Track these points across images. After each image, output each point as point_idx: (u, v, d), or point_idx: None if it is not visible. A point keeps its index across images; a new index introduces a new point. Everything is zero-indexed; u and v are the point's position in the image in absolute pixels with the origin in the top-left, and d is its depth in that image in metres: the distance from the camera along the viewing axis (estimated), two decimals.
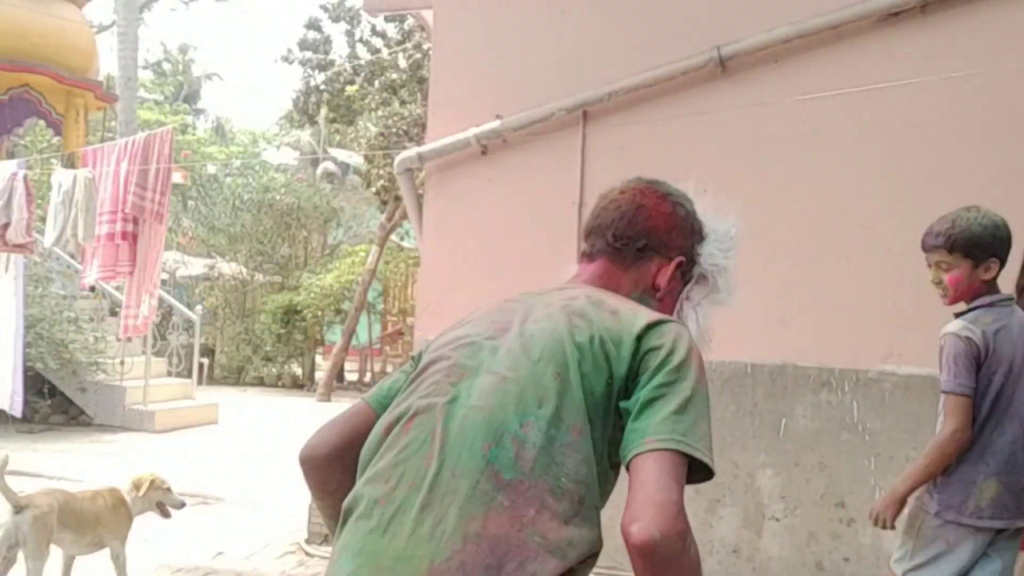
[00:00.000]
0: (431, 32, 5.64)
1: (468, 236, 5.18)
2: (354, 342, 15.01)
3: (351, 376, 16.61)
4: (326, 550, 5.11)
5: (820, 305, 4.38)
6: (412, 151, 5.43)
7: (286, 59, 14.64)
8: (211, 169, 20.39)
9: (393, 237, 14.97)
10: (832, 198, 4.41)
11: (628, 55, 4.80)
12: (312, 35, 14.79)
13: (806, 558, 4.41)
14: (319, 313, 15.01)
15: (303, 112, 14.97)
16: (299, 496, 6.42)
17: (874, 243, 4.33)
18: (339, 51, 15.15)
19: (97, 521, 4.00)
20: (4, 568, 3.67)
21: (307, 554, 5.12)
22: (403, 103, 13.17)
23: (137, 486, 4.15)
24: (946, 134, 4.27)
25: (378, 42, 14.23)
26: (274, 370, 15.61)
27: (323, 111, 15.22)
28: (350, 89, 13.84)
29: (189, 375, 11.21)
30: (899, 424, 4.24)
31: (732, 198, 4.77)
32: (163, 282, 10.10)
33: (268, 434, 9.74)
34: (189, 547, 5.10)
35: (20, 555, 3.72)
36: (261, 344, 15.37)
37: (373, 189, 13.27)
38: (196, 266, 16.87)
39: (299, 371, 15.89)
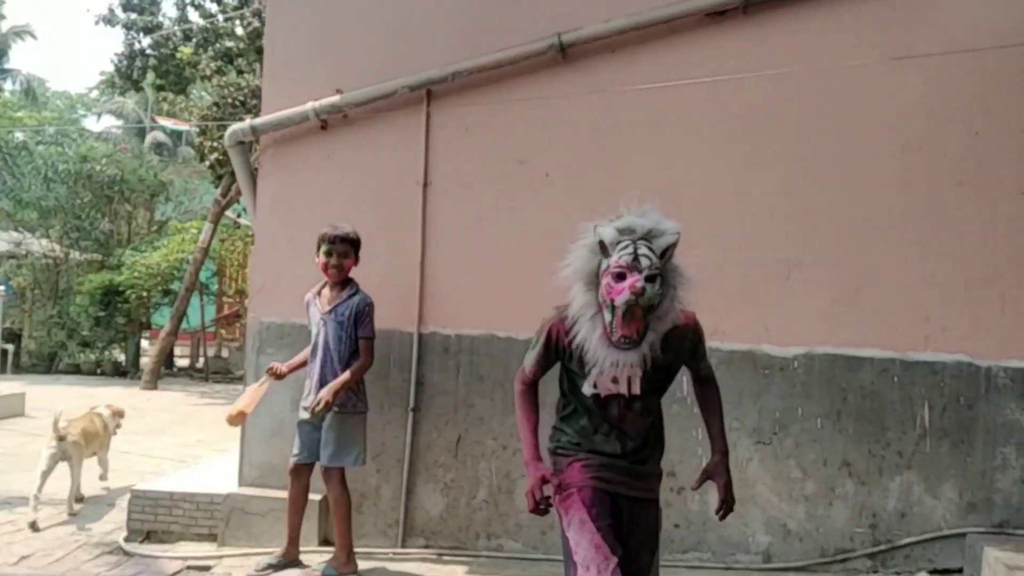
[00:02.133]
0: None
1: (306, 213, 4.96)
2: (185, 325, 14.13)
3: (181, 362, 15.82)
4: (148, 548, 4.81)
5: None
6: (245, 123, 5.19)
7: (108, 20, 13.68)
8: (19, 136, 18.87)
9: (229, 213, 14.27)
10: (665, 184, 4.59)
11: (472, 36, 4.82)
12: None
13: None
14: (144, 294, 14.10)
15: (127, 77, 14.00)
16: (117, 490, 5.98)
17: (702, 228, 4.57)
18: (168, 13, 14.31)
19: (95, 436, 5.92)
20: (48, 474, 5.43)
21: (126, 553, 4.76)
22: (240, 72, 12.57)
23: (115, 413, 6.31)
24: (764, 127, 4.59)
25: (213, 7, 13.52)
26: (92, 356, 14.74)
27: (150, 77, 14.30)
28: (181, 54, 13.04)
29: None
30: (723, 397, 4.50)
31: (573, 181, 4.96)
32: None
33: None
34: None
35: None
36: (77, 328, 14.40)
37: (207, 162, 12.53)
38: (0, 243, 15.68)
39: (122, 357, 15.04)
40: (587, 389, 2.72)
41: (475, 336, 4.83)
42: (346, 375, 4.36)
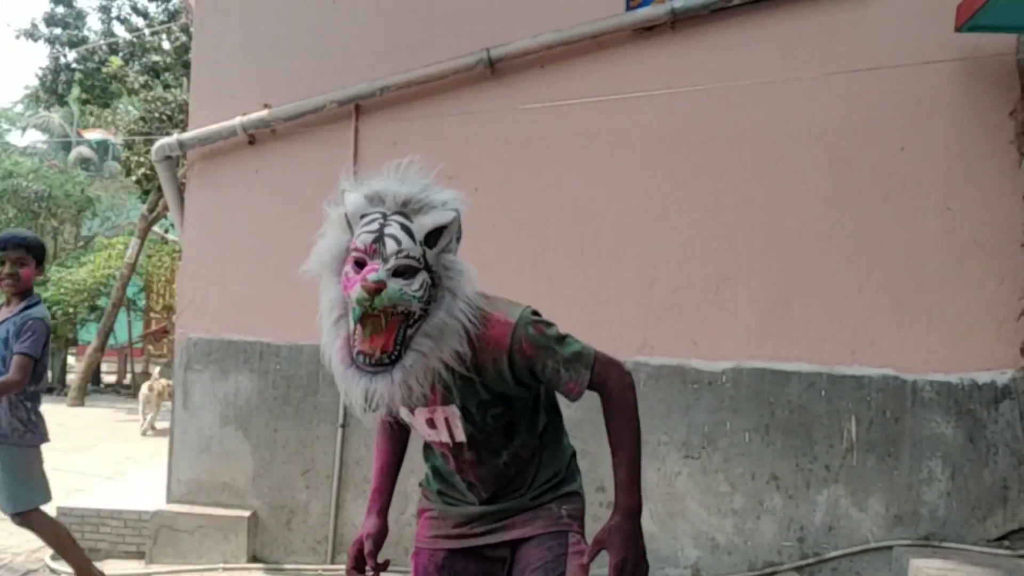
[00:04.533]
0: (194, 13, 5.37)
1: (234, 229, 4.99)
2: (112, 341, 14.22)
3: (109, 378, 15.68)
4: None
5: (582, 299, 4.61)
6: (172, 138, 5.17)
7: (30, 35, 13.44)
8: None
9: (156, 229, 14.27)
10: (594, 199, 4.65)
11: (400, 51, 4.81)
12: (61, 10, 13.65)
13: None
14: (71, 310, 14.11)
15: (51, 92, 13.84)
16: (43, 507, 5.90)
17: (630, 243, 4.63)
18: (93, 27, 14.10)
19: (162, 395, 9.70)
20: (145, 409, 10.54)
21: (52, 571, 4.71)
22: (167, 87, 12.49)
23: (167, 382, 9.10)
24: (691, 142, 4.62)
25: (139, 21, 13.40)
26: None
27: (75, 91, 14.12)
28: (113, 61, 12.87)
29: None
30: (651, 411, 4.55)
31: (502, 196, 4.96)
32: None
33: None
34: None
35: None
36: None
37: (133, 177, 12.48)
38: None
39: (48, 373, 14.77)
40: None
41: None
42: None
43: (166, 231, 15.10)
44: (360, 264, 1.76)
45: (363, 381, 1.77)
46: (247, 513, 4.77)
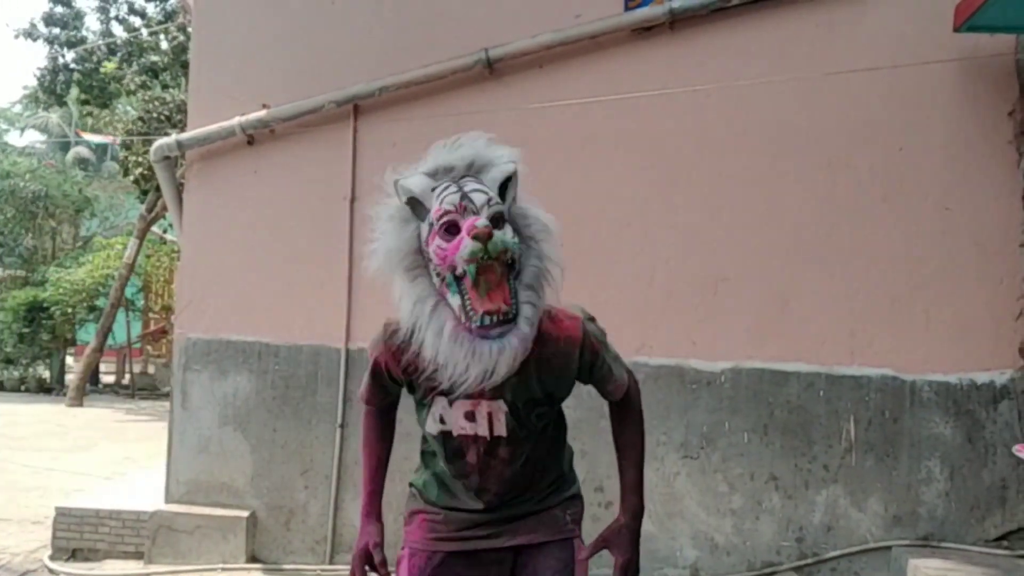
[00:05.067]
0: (192, 13, 5.37)
1: (233, 229, 5.00)
2: (111, 342, 14.22)
3: (107, 378, 15.69)
4: (73, 567, 4.79)
5: (580, 299, 4.59)
6: (170, 138, 5.17)
7: (29, 34, 13.45)
8: None
9: (155, 229, 14.29)
10: (592, 200, 4.65)
11: (399, 51, 4.81)
12: (60, 10, 13.66)
13: None
14: (69, 310, 14.12)
15: (50, 92, 13.85)
16: (41, 508, 5.92)
17: (629, 243, 4.63)
18: (92, 27, 14.11)
19: None
20: None
21: (51, 572, 4.74)
22: (165, 87, 12.50)
23: None
24: (690, 142, 4.62)
25: (136, 21, 13.41)
26: (16, 373, 14.68)
27: (74, 91, 14.14)
28: (106, 67, 12.92)
29: None
30: (650, 411, 4.47)
31: None
32: None
33: (2, 443, 8.88)
34: None
35: None
36: (1, 345, 14.44)
37: (131, 177, 12.47)
38: None
39: (46, 374, 14.83)
40: (431, 427, 1.95)
41: None
42: None
43: (165, 231, 15.10)
44: (451, 228, 1.71)
45: (494, 347, 1.68)
46: (246, 513, 4.79)
